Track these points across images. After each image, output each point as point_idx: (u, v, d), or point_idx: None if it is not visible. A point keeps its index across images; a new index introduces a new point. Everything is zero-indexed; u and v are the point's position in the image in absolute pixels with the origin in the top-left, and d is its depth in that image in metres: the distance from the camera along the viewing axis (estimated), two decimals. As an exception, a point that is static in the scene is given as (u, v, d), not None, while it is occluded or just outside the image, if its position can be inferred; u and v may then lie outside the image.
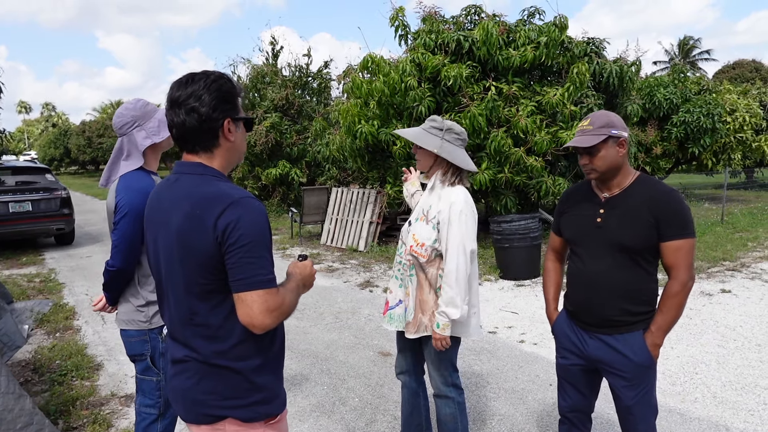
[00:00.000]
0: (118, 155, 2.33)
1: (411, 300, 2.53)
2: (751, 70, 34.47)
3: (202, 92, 1.48)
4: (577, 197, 2.27)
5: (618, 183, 2.12)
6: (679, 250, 2.00)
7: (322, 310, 5.93)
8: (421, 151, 2.53)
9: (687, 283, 2.02)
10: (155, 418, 2.34)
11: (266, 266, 1.43)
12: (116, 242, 2.20)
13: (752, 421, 3.30)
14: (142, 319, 2.29)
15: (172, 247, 1.49)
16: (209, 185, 1.48)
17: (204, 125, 1.49)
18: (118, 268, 2.22)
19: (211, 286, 1.46)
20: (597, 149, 2.06)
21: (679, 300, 2.04)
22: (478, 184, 8.03)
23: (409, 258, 2.52)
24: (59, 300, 6.50)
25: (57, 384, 4.02)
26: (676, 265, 2.02)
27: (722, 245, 8.86)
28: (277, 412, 1.59)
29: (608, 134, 2.04)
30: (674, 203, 2.02)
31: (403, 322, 2.58)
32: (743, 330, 4.94)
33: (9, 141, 20.00)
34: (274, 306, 1.42)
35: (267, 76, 15.72)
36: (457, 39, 8.46)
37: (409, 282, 2.53)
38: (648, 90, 13.69)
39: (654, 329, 2.08)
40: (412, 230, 2.54)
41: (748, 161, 19.11)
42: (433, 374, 2.62)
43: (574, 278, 2.27)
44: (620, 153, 2.07)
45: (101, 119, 45.24)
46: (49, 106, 79.06)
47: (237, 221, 1.40)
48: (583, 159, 2.11)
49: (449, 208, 2.42)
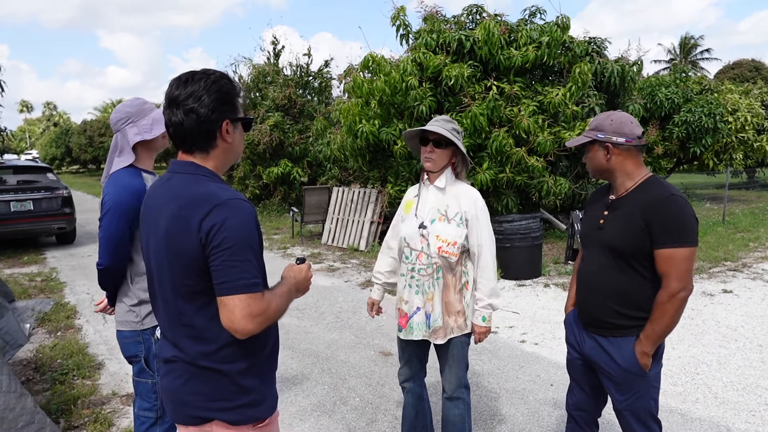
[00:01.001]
0: (113, 152, 2.33)
1: (437, 304, 2.48)
2: (751, 70, 34.38)
3: (202, 93, 1.46)
4: (596, 197, 2.29)
5: (622, 184, 2.11)
6: (671, 258, 1.93)
7: (323, 310, 5.93)
8: (440, 151, 2.48)
9: (677, 293, 1.93)
10: (153, 422, 2.30)
11: (250, 270, 1.40)
12: (100, 239, 2.18)
13: (753, 422, 3.29)
14: (134, 319, 2.25)
15: (161, 246, 1.47)
16: (199, 186, 1.46)
17: (202, 126, 1.47)
18: (105, 266, 2.19)
19: (196, 288, 1.44)
20: (587, 150, 2.12)
21: (666, 309, 1.96)
22: (480, 184, 8.02)
23: (435, 261, 2.45)
24: (60, 299, 6.51)
25: (58, 383, 4.02)
26: (667, 273, 1.95)
27: (724, 245, 8.85)
28: (266, 416, 1.56)
29: (594, 137, 2.07)
30: (673, 209, 1.94)
31: (424, 330, 2.52)
32: (745, 330, 4.94)
33: (10, 140, 20.03)
34: (257, 311, 1.39)
35: (268, 75, 15.72)
36: (459, 39, 8.45)
37: (433, 286, 2.47)
38: (649, 90, 13.67)
39: (642, 337, 2.03)
40: (434, 232, 2.45)
41: (750, 161, 19.10)
42: (449, 377, 2.60)
43: (577, 277, 2.33)
44: (607, 157, 2.07)
45: (102, 118, 45.32)
46: (50, 105, 79.08)
47: (222, 223, 1.37)
48: (584, 156, 2.19)
49: (474, 205, 2.50)
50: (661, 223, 1.94)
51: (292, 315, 5.70)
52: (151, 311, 2.22)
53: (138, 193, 2.16)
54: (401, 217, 2.67)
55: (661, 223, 1.93)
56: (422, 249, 2.48)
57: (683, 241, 1.92)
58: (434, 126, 2.46)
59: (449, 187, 2.52)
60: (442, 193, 2.52)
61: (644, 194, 2.03)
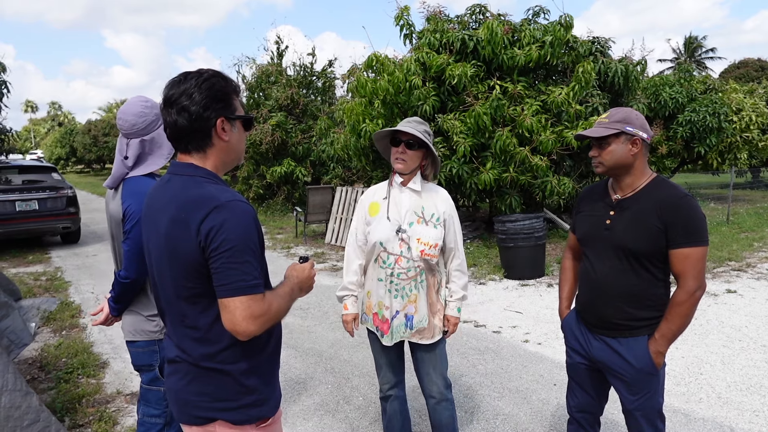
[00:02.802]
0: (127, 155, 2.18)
1: (422, 306, 2.47)
2: (757, 69, 34.22)
3: (193, 90, 1.44)
4: (593, 197, 2.24)
5: (630, 184, 2.08)
6: (688, 258, 1.95)
7: (326, 309, 5.94)
8: (412, 153, 2.43)
9: (695, 292, 1.97)
10: (161, 428, 2.29)
11: (250, 271, 1.39)
12: (129, 252, 2.08)
13: (757, 422, 3.28)
14: (152, 329, 2.21)
15: (162, 249, 1.47)
16: (198, 188, 1.44)
17: (195, 124, 1.45)
18: (133, 279, 2.12)
19: (198, 290, 1.44)
20: (607, 142, 2.03)
21: (684, 309, 1.99)
22: (483, 183, 8.02)
23: (418, 264, 2.43)
24: (65, 298, 6.54)
25: (63, 382, 4.04)
26: (684, 273, 1.97)
27: (728, 245, 8.82)
28: (269, 415, 1.57)
29: (622, 129, 2.00)
30: (686, 209, 1.95)
31: (403, 331, 2.49)
32: (749, 330, 4.93)
33: (16, 140, 20.09)
34: (258, 312, 1.38)
35: (272, 75, 15.75)
36: (462, 38, 8.45)
37: (416, 288, 2.45)
38: (653, 89, 13.64)
39: (657, 337, 2.04)
40: (414, 235, 2.42)
41: (755, 161, 19.02)
42: (435, 379, 2.57)
43: (582, 279, 2.27)
44: (632, 152, 2.03)
45: (107, 118, 45.48)
46: (55, 105, 79.44)
47: (221, 225, 1.36)
48: (593, 150, 2.10)
49: (449, 204, 2.54)
50: (679, 223, 1.94)
51: (296, 314, 5.71)
52: None
53: None
54: (365, 220, 2.55)
55: (679, 224, 1.94)
56: (401, 253, 2.42)
57: (699, 241, 1.95)
58: (406, 127, 2.41)
59: (423, 189, 2.51)
60: (418, 196, 2.49)
61: (657, 195, 2.01)
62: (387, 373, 2.64)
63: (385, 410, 2.71)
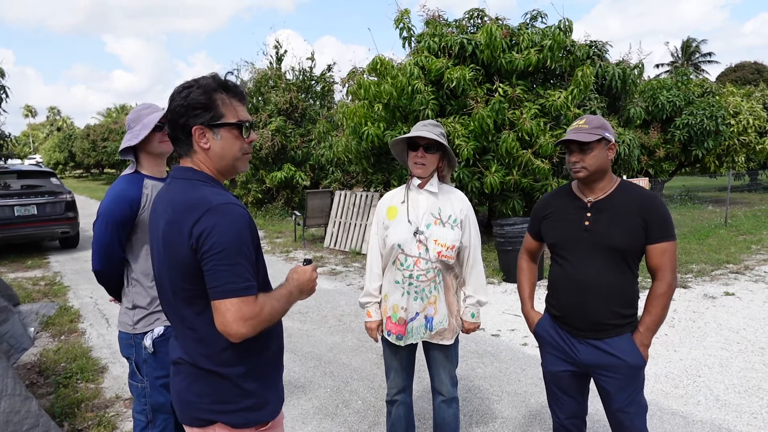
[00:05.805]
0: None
1: (441, 307, 2.49)
2: (753, 72, 34.37)
3: (176, 100, 1.51)
4: (559, 202, 2.29)
5: (603, 187, 2.18)
6: (665, 252, 2.07)
7: (325, 313, 5.95)
8: (431, 156, 2.46)
9: (672, 283, 2.09)
10: (145, 425, 2.32)
11: (242, 274, 1.40)
12: (93, 245, 2.25)
13: (755, 424, 3.29)
14: (128, 321, 2.28)
15: (161, 251, 1.50)
16: (193, 191, 1.48)
17: (174, 132, 1.53)
18: (96, 270, 2.26)
19: (194, 292, 1.46)
20: (590, 148, 2.11)
21: (666, 300, 2.09)
22: (489, 187, 8.04)
23: (436, 266, 2.44)
24: (64, 303, 6.54)
25: (62, 386, 4.04)
26: (662, 266, 2.08)
27: (726, 248, 8.84)
28: (268, 420, 1.57)
29: (602, 135, 2.09)
30: (660, 206, 2.09)
31: (422, 332, 2.50)
32: (746, 333, 4.94)
33: (14, 145, 20.08)
34: (249, 315, 1.39)
35: (271, 79, 15.77)
36: (461, 42, 8.49)
37: (436, 290, 2.46)
38: (651, 92, 13.69)
39: (642, 330, 2.13)
40: (431, 237, 2.43)
41: (752, 163, 19.06)
42: (444, 379, 2.60)
43: (561, 283, 2.24)
44: (609, 156, 2.15)
45: (106, 123, 45.41)
46: (54, 110, 79.44)
47: (212, 228, 1.38)
48: (574, 156, 2.14)
49: (466, 205, 2.54)
50: (656, 220, 2.07)
51: (295, 318, 5.72)
52: (144, 317, 2.25)
53: (129, 200, 2.18)
54: (384, 224, 2.55)
55: (656, 221, 2.07)
56: (420, 255, 2.43)
57: (672, 236, 2.09)
58: (423, 131, 2.43)
59: (439, 190, 2.53)
60: (435, 197, 2.51)
61: (631, 195, 2.14)
62: (396, 377, 2.65)
63: (390, 414, 2.73)
